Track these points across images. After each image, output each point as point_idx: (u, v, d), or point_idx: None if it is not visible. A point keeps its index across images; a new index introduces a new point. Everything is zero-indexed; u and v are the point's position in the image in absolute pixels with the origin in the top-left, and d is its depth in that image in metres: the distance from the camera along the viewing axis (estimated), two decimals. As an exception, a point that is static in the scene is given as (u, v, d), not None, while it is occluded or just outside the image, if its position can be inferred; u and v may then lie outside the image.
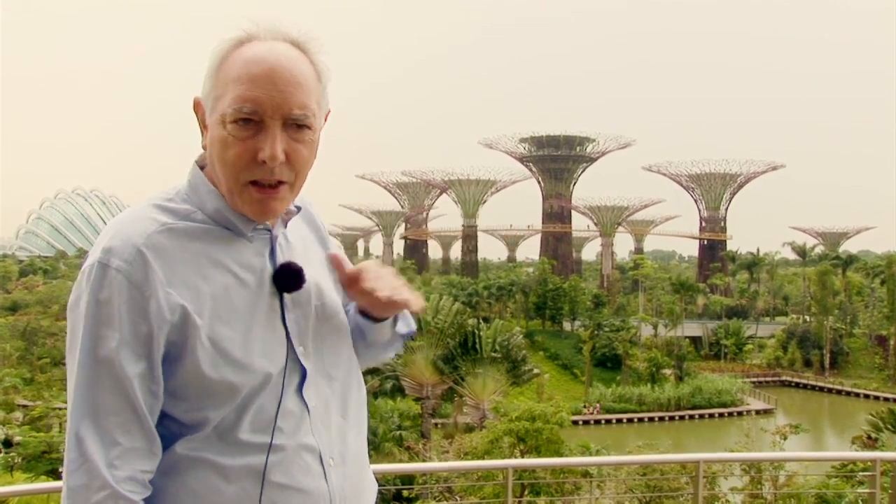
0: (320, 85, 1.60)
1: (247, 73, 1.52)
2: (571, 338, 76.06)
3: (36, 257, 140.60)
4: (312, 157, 1.61)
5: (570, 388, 66.10)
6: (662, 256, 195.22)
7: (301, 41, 1.59)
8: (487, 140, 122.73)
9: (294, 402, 1.62)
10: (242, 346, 1.56)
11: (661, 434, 51.16)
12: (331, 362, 1.71)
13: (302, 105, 1.54)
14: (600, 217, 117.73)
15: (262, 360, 1.58)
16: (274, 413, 1.58)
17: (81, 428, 1.47)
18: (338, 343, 1.74)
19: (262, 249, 1.64)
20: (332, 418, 1.68)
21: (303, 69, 1.56)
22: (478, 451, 31.74)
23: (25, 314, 74.23)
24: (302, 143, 1.57)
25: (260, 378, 1.57)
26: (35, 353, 64.74)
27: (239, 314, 1.57)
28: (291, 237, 1.71)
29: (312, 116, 1.57)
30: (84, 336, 1.49)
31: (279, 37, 1.57)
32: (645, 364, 66.30)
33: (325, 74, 1.61)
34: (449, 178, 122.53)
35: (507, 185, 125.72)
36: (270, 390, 1.58)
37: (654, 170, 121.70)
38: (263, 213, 1.59)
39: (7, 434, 44.89)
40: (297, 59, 1.56)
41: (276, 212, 1.61)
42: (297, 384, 1.62)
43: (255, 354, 1.57)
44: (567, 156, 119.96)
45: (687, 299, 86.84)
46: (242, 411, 1.56)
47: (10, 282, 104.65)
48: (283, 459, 1.58)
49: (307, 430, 1.62)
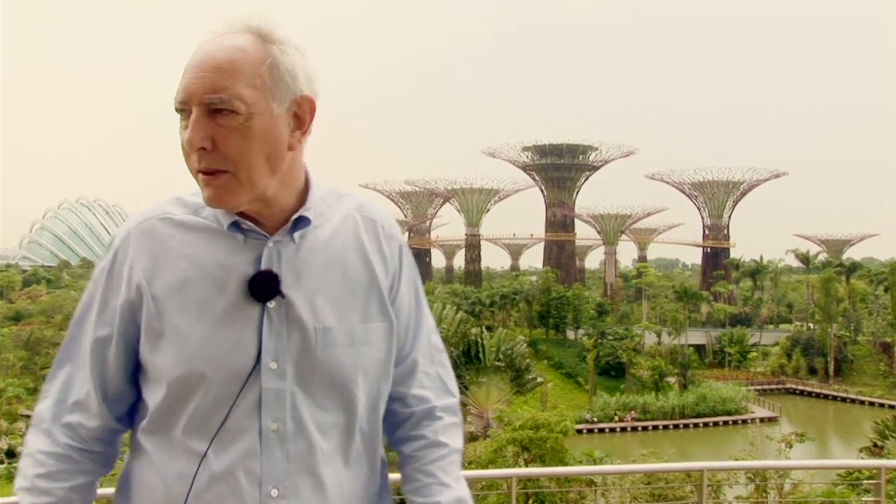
0: (267, 68, 1.50)
1: (184, 67, 1.51)
2: (575, 346, 75.87)
3: (39, 267, 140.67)
4: (252, 144, 1.49)
5: (574, 396, 65.88)
6: (666, 264, 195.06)
7: (256, 27, 1.52)
8: (490, 149, 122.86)
9: (246, 418, 1.53)
10: (187, 342, 1.53)
11: (665, 442, 50.95)
12: (323, 393, 1.58)
13: (217, 89, 1.46)
14: (603, 225, 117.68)
15: (208, 363, 1.52)
16: (217, 422, 1.53)
17: (55, 367, 1.65)
18: (337, 376, 1.59)
19: (252, 253, 1.57)
20: (303, 449, 1.56)
21: (234, 55, 1.48)
22: (482, 460, 31.68)
23: (29, 324, 74.20)
24: (227, 128, 1.47)
25: (196, 379, 1.52)
26: (38, 363, 64.67)
27: (198, 310, 1.54)
28: (312, 250, 1.60)
29: (235, 100, 1.46)
30: (82, 299, 1.67)
31: (235, 28, 1.52)
32: (649, 372, 66.04)
33: (281, 59, 1.51)
34: (452, 186, 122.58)
35: (510, 193, 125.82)
36: (214, 397, 1.53)
37: (656, 178, 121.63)
38: (209, 200, 1.52)
39: (10, 444, 44.93)
40: (236, 46, 1.49)
41: (224, 200, 1.51)
42: (256, 400, 1.54)
43: (201, 354, 1.52)
44: (570, 164, 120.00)
45: (690, 307, 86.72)
46: (176, 409, 1.55)
47: (13, 291, 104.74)
48: (214, 474, 1.53)
49: (253, 452, 1.54)
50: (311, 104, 1.56)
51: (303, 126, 1.56)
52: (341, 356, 1.58)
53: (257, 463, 1.53)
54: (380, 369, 1.66)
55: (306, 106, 1.56)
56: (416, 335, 1.76)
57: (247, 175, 1.50)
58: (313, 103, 1.56)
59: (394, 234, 1.73)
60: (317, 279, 1.59)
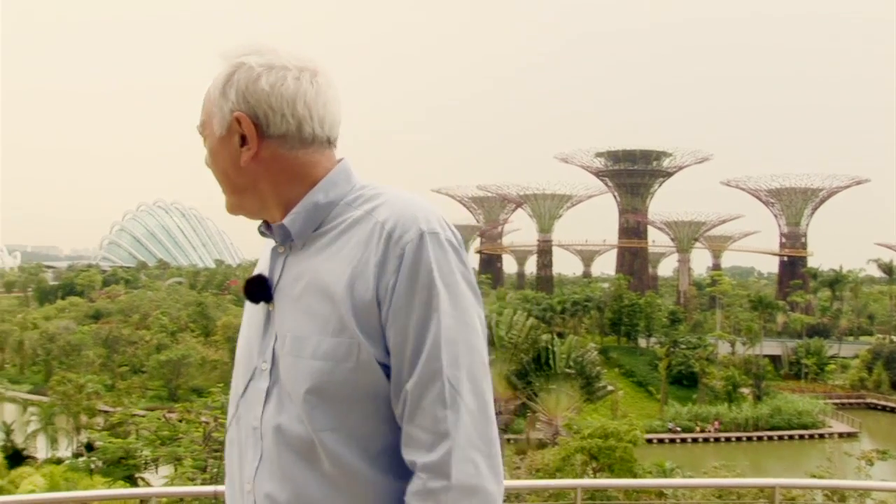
0: (217, 93, 1.64)
1: None
2: (647, 354, 75.14)
3: (118, 267, 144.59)
4: (218, 162, 1.66)
5: (645, 405, 65.17)
6: (741, 273, 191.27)
7: (228, 53, 1.65)
8: (564, 154, 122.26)
9: (245, 412, 1.66)
10: (239, 343, 1.75)
11: (738, 455, 50.03)
12: (287, 399, 1.58)
13: (199, 121, 1.69)
14: (677, 232, 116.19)
15: (238, 362, 1.73)
16: (232, 413, 1.72)
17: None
18: (291, 385, 1.56)
19: (273, 258, 1.70)
20: (271, 451, 1.59)
21: (209, 87, 1.66)
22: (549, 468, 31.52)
23: (108, 322, 76.28)
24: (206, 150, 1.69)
25: (234, 374, 1.73)
26: (116, 360, 66.53)
27: (246, 315, 1.75)
28: (308, 256, 1.62)
29: (200, 128, 1.68)
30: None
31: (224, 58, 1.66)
32: (722, 382, 64.85)
33: (222, 81, 1.63)
34: (524, 192, 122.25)
35: (582, 199, 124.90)
36: (234, 389, 1.72)
37: (732, 184, 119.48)
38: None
39: (89, 438, 46.26)
40: (214, 77, 1.65)
41: (229, 209, 1.70)
42: (240, 396, 1.69)
43: (238, 353, 1.74)
44: (643, 170, 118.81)
45: (766, 317, 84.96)
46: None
47: (93, 291, 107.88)
48: (227, 462, 1.73)
49: (243, 446, 1.66)
50: (241, 120, 1.60)
51: (245, 142, 1.62)
52: (298, 366, 1.56)
53: (243, 457, 1.65)
54: (343, 389, 1.53)
55: (238, 123, 1.61)
56: (414, 360, 1.51)
57: (225, 189, 1.68)
58: (243, 119, 1.60)
59: (403, 238, 1.54)
60: (301, 286, 1.60)
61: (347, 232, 1.59)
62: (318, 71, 1.63)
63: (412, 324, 1.51)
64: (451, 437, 1.47)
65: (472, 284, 1.58)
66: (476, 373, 1.52)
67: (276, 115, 1.59)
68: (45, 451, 47.20)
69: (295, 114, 1.59)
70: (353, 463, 1.53)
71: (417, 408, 1.50)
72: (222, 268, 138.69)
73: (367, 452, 1.54)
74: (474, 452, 1.48)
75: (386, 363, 1.53)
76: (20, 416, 51.94)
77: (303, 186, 1.63)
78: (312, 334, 1.55)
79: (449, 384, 1.49)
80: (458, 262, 1.56)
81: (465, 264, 1.58)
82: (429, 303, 1.51)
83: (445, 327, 1.50)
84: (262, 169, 1.62)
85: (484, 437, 1.50)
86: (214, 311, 79.27)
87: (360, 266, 1.54)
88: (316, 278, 1.58)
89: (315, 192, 1.62)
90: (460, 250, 1.58)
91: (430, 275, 1.51)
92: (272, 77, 1.59)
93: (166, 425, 37.47)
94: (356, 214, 1.60)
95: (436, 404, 1.48)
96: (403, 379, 1.51)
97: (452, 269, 1.54)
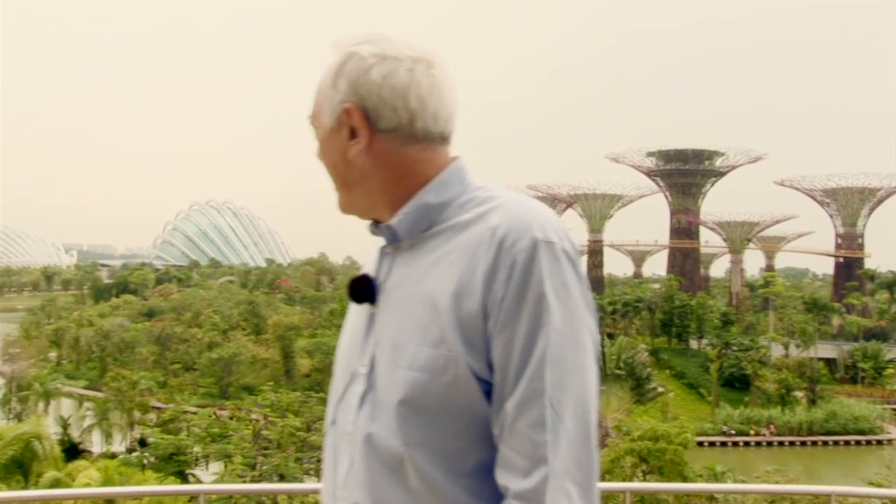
0: (327, 84, 1.58)
1: None
2: (698, 356, 74.45)
3: (171, 266, 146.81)
4: (328, 154, 1.60)
5: (696, 408, 64.46)
6: (795, 274, 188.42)
7: (337, 44, 1.59)
8: (614, 154, 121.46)
9: (343, 415, 1.60)
10: (340, 344, 1.70)
11: (791, 459, 49.15)
12: (378, 407, 1.51)
13: (311, 112, 1.63)
14: (729, 233, 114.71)
15: (339, 364, 1.66)
16: (332, 416, 1.65)
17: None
18: (383, 393, 1.50)
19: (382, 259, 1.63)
20: (361, 459, 1.53)
21: (321, 77, 1.60)
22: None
23: (160, 320, 77.43)
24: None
25: (334, 375, 1.68)
26: (168, 357, 67.50)
27: (350, 315, 1.68)
28: (414, 259, 1.54)
29: (314, 117, 1.61)
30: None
31: (335, 49, 1.60)
32: (775, 385, 63.81)
33: (333, 72, 1.57)
34: (575, 192, 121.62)
35: (633, 199, 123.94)
36: (335, 391, 1.65)
37: (786, 184, 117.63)
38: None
39: (142, 434, 47.05)
40: (326, 67, 1.59)
41: (340, 206, 1.64)
42: (338, 398, 1.62)
43: (338, 355, 1.68)
44: (695, 170, 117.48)
45: (821, 319, 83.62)
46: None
47: (146, 289, 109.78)
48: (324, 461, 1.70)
49: (338, 450, 1.60)
50: (351, 112, 1.54)
51: (355, 135, 1.55)
52: (393, 375, 1.48)
53: (337, 462, 1.60)
54: (437, 404, 1.44)
55: (347, 115, 1.55)
56: (516, 378, 1.39)
57: (338, 185, 1.62)
58: (353, 111, 1.54)
59: (515, 246, 1.42)
60: (406, 290, 1.52)
61: (457, 236, 1.49)
62: (433, 62, 1.55)
63: (518, 339, 1.39)
64: (548, 464, 1.36)
65: (587, 300, 1.45)
66: (582, 397, 1.40)
67: (387, 108, 1.52)
68: (100, 446, 48.16)
69: (407, 107, 1.51)
70: (440, 481, 1.44)
71: (515, 430, 1.38)
72: (273, 267, 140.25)
73: (456, 471, 1.45)
74: (570, 483, 1.37)
75: (486, 379, 1.42)
76: (76, 411, 53.00)
77: (413, 185, 1.55)
78: (411, 343, 1.47)
79: (551, 407, 1.37)
80: (573, 274, 1.43)
81: (580, 278, 1.45)
82: (538, 317, 1.39)
83: (553, 344, 1.38)
84: (372, 164, 1.55)
85: (583, 467, 1.39)
86: (265, 310, 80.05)
87: (468, 274, 1.43)
88: (420, 284, 1.49)
89: (426, 193, 1.54)
90: (576, 262, 1.45)
91: (541, 287, 1.39)
92: (384, 68, 1.52)
93: (217, 422, 37.89)
94: (467, 218, 1.51)
95: (534, 427, 1.37)
96: (504, 397, 1.40)
97: (566, 281, 1.42)
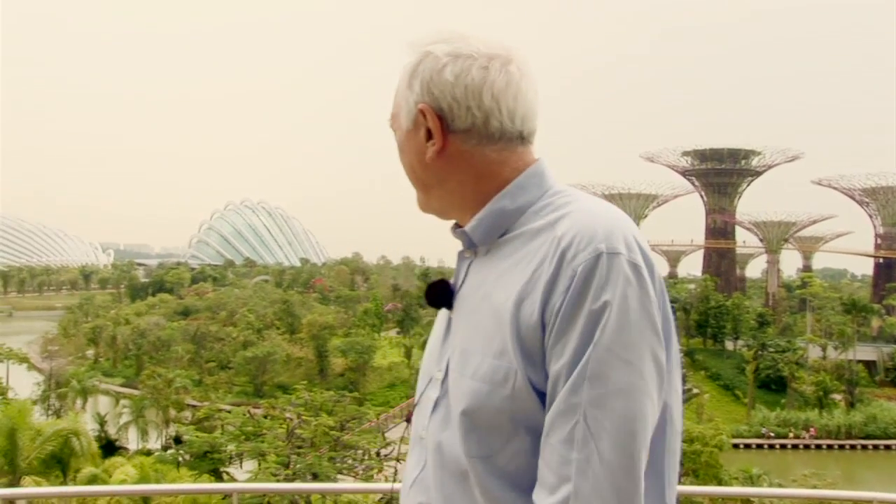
0: (403, 85, 1.56)
1: None
2: (734, 357, 73.71)
3: (206, 265, 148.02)
4: (406, 156, 1.58)
5: (732, 409, 63.85)
6: (832, 275, 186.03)
7: (413, 45, 1.56)
8: (649, 153, 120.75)
9: (418, 419, 1.59)
10: (426, 349, 1.67)
11: (829, 463, 48.58)
12: (447, 414, 1.49)
13: (390, 114, 1.61)
14: (766, 233, 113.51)
15: (421, 368, 1.65)
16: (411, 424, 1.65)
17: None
18: (451, 401, 1.47)
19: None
20: (432, 464, 1.51)
21: (398, 79, 1.58)
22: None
23: (196, 319, 78.04)
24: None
25: (419, 382, 1.64)
26: (204, 356, 68.05)
27: (437, 319, 1.65)
28: (489, 264, 1.50)
29: (393, 119, 1.60)
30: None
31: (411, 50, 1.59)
32: (812, 388, 62.98)
33: (409, 73, 1.54)
34: (609, 191, 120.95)
35: (668, 199, 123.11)
36: (416, 397, 1.63)
37: (824, 183, 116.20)
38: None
39: (177, 431, 47.48)
40: (402, 68, 1.57)
41: (419, 206, 1.63)
42: (416, 400, 1.61)
43: (423, 360, 1.66)
44: (731, 169, 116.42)
45: (860, 320, 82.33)
46: None
47: (182, 288, 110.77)
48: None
49: (410, 452, 1.60)
50: (425, 113, 1.52)
51: (431, 136, 1.52)
52: (459, 383, 1.46)
53: (408, 464, 1.61)
54: (496, 417, 1.39)
55: (422, 116, 1.53)
56: (560, 391, 1.33)
57: (418, 188, 1.61)
58: (427, 111, 1.51)
59: (577, 257, 1.35)
60: (478, 297, 1.49)
61: (528, 244, 1.44)
62: (511, 59, 1.51)
63: (567, 353, 1.32)
64: (573, 483, 1.28)
65: (652, 318, 1.34)
66: (627, 419, 1.30)
67: (461, 108, 1.49)
68: (136, 443, 48.66)
69: (481, 106, 1.48)
70: (503, 497, 1.39)
71: (548, 443, 1.33)
72: (307, 266, 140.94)
73: (518, 488, 1.38)
74: None
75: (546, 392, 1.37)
76: (113, 408, 53.60)
77: (491, 187, 1.51)
78: (476, 352, 1.43)
79: (584, 423, 1.29)
80: (637, 289, 1.34)
81: (647, 292, 1.35)
82: (589, 332, 1.31)
83: (598, 361, 1.30)
84: (448, 166, 1.52)
85: (619, 496, 1.28)
86: (300, 309, 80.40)
87: (531, 284, 1.38)
88: (490, 291, 1.45)
89: (502, 197, 1.50)
90: (645, 276, 1.36)
91: (597, 301, 1.32)
92: (457, 66, 1.49)
93: (251, 421, 38.04)
94: (539, 225, 1.45)
95: (564, 442, 1.30)
96: (553, 407, 1.34)
97: (627, 296, 1.33)
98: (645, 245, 1.41)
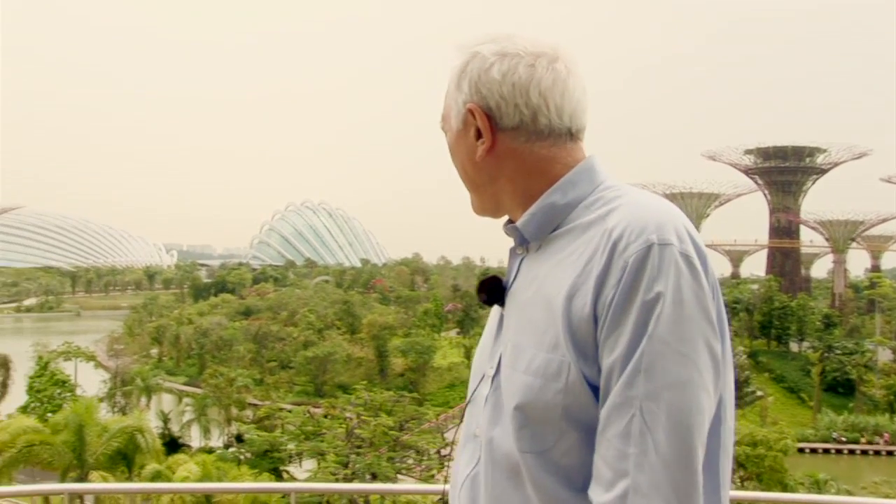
0: (452, 86, 1.58)
1: None
2: (799, 359, 72.24)
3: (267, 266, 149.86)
4: (457, 156, 1.60)
5: (797, 413, 62.63)
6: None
7: (461, 46, 1.58)
8: (711, 151, 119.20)
9: (469, 417, 1.60)
10: (478, 346, 1.68)
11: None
12: (499, 411, 1.48)
13: (441, 116, 1.64)
14: (832, 232, 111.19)
15: (473, 365, 1.65)
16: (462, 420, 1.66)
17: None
18: (502, 397, 1.47)
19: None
20: (484, 461, 1.51)
21: (448, 80, 1.60)
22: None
23: (257, 319, 78.85)
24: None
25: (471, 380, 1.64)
26: (265, 355, 68.77)
27: (490, 317, 1.66)
28: (540, 260, 1.51)
29: (443, 120, 1.62)
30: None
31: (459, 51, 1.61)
32: (882, 391, 61.50)
33: (457, 73, 1.57)
34: (671, 190, 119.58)
35: (731, 198, 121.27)
36: (469, 393, 1.63)
37: (893, 181, 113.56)
38: None
39: (239, 430, 48.08)
40: (451, 70, 1.59)
41: (473, 208, 1.64)
42: (469, 398, 1.61)
43: (475, 357, 1.65)
44: (796, 167, 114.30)
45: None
46: None
47: (244, 288, 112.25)
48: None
49: (461, 449, 1.60)
50: (474, 112, 1.54)
51: (480, 135, 1.54)
52: (511, 378, 1.46)
53: (458, 462, 1.61)
54: (550, 412, 1.39)
55: (472, 116, 1.55)
56: (614, 384, 1.32)
57: (469, 188, 1.63)
58: (476, 110, 1.53)
59: (628, 249, 1.35)
60: (531, 292, 1.50)
61: (579, 238, 1.45)
62: (557, 57, 1.51)
63: (620, 346, 1.31)
64: (630, 478, 1.27)
65: (706, 309, 1.33)
66: (682, 413, 1.28)
67: (509, 106, 1.50)
68: (198, 440, 49.39)
69: (529, 103, 1.49)
70: (557, 493, 1.38)
71: (604, 437, 1.32)
72: (368, 267, 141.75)
73: (572, 484, 1.38)
74: (658, 502, 1.26)
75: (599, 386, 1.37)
76: (176, 406, 54.43)
77: (542, 184, 1.52)
78: (529, 346, 1.43)
79: (640, 416, 1.28)
80: (690, 280, 1.33)
81: (700, 284, 1.34)
82: (643, 324, 1.30)
83: (653, 353, 1.29)
84: (498, 164, 1.54)
85: (679, 492, 1.26)
86: (360, 310, 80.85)
87: (583, 277, 1.38)
88: (543, 286, 1.46)
89: (552, 193, 1.51)
90: (697, 267, 1.35)
91: (650, 293, 1.31)
92: (504, 65, 1.51)
93: (311, 420, 38.36)
94: (590, 219, 1.45)
95: (621, 436, 1.29)
96: (606, 402, 1.33)
97: (681, 286, 1.32)
98: (697, 236, 1.40)
